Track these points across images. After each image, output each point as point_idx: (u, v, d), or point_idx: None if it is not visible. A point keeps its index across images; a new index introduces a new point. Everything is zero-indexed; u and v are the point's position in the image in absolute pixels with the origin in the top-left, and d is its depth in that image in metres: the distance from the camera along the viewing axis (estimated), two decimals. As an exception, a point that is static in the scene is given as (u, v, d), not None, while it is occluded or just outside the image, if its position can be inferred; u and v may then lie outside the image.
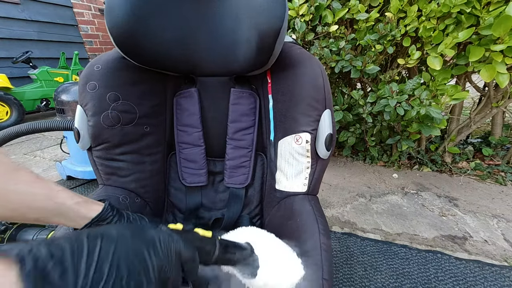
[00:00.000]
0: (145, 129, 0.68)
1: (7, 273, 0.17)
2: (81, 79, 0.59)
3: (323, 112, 0.57)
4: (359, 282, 0.96)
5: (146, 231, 0.26)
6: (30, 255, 0.19)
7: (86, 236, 0.22)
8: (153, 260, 0.24)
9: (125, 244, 0.23)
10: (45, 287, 0.18)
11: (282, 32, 0.52)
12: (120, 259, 0.22)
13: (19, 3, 3.16)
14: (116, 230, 0.23)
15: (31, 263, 0.18)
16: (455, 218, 1.29)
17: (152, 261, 0.24)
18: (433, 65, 1.24)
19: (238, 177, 0.74)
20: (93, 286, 0.19)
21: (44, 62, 3.40)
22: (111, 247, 0.22)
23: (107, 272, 0.20)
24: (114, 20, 0.51)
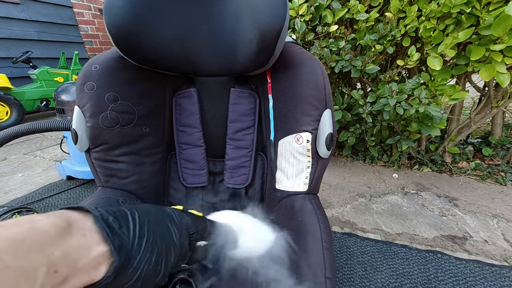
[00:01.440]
0: (144, 129, 0.68)
1: (86, 217, 0.24)
2: (79, 80, 0.59)
3: (324, 111, 0.57)
4: (359, 282, 0.96)
5: (165, 208, 0.33)
6: (95, 211, 0.25)
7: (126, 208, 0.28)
8: (174, 228, 0.31)
9: (154, 216, 0.29)
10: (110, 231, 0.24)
11: (284, 31, 0.51)
12: (154, 224, 0.28)
13: (19, 3, 3.16)
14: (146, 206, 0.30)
15: (98, 214, 0.25)
16: (455, 218, 1.29)
17: (173, 229, 0.31)
18: (433, 66, 1.24)
19: (239, 177, 0.74)
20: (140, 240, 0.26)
21: (44, 62, 3.40)
22: (145, 216, 0.28)
23: (146, 232, 0.27)
24: (113, 19, 0.50)
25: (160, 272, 0.28)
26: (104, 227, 0.24)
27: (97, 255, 0.22)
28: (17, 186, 1.70)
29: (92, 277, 0.22)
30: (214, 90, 0.70)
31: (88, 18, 3.93)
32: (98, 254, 0.22)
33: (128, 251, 0.25)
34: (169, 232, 0.30)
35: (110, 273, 0.23)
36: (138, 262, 0.25)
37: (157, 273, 0.28)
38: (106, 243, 0.23)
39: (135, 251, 0.25)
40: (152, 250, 0.27)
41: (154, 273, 0.27)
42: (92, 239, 0.23)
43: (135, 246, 0.25)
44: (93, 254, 0.22)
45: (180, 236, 0.31)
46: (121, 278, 0.24)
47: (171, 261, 0.29)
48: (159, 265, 0.28)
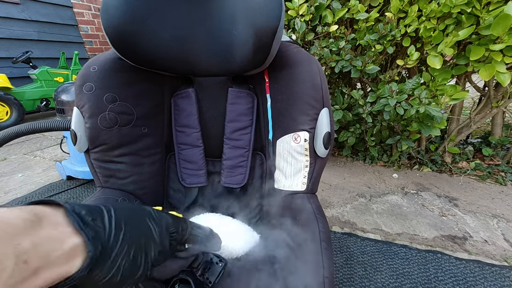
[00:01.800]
0: (143, 130, 0.68)
1: (57, 211, 0.23)
2: (78, 81, 0.59)
3: (321, 110, 0.57)
4: (359, 282, 0.96)
5: (144, 207, 0.32)
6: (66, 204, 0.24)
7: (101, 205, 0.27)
8: (153, 225, 0.30)
9: (131, 211, 0.29)
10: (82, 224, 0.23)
11: (279, 31, 0.52)
12: (132, 220, 0.28)
13: (19, 3, 3.16)
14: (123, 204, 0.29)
15: (69, 207, 0.24)
16: (455, 218, 1.29)
17: (153, 225, 0.30)
18: (433, 64, 1.24)
19: (235, 177, 0.74)
20: (116, 232, 0.25)
21: (44, 62, 3.41)
22: (123, 212, 0.27)
23: (123, 226, 0.26)
24: (110, 20, 0.50)
25: (140, 267, 0.27)
26: (77, 220, 0.23)
27: (70, 247, 0.22)
28: (17, 186, 1.70)
29: (66, 270, 0.21)
30: (212, 90, 0.70)
31: (88, 18, 3.93)
32: (71, 246, 0.22)
33: (104, 243, 0.24)
34: (148, 228, 0.30)
35: (85, 265, 0.22)
36: (115, 255, 0.25)
37: (136, 268, 0.27)
38: (79, 235, 0.23)
39: (111, 244, 0.25)
40: (130, 244, 0.26)
41: (133, 268, 0.27)
42: (63, 232, 0.22)
43: (112, 239, 0.25)
44: (65, 247, 0.21)
45: (160, 233, 0.31)
46: (98, 272, 0.23)
47: (151, 257, 0.29)
48: (138, 260, 0.27)
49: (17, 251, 0.18)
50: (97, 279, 0.24)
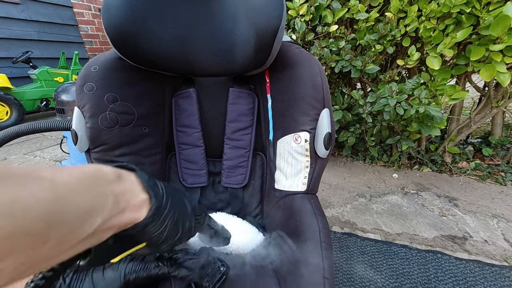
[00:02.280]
0: (143, 130, 0.68)
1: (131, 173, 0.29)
2: (78, 80, 0.59)
3: (322, 111, 0.57)
4: (359, 282, 0.96)
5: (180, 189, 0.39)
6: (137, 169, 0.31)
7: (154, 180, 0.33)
8: (187, 202, 0.36)
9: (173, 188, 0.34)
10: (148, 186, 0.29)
11: (280, 31, 0.52)
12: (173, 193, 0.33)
13: (19, 3, 3.16)
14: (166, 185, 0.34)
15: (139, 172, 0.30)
16: (455, 218, 1.29)
17: (187, 202, 0.36)
18: (432, 65, 1.24)
19: (236, 177, 0.74)
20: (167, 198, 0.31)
21: (44, 62, 3.40)
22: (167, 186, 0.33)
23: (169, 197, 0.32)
24: (111, 20, 0.50)
25: (178, 232, 0.33)
26: (145, 180, 0.30)
27: (141, 199, 0.28)
28: (17, 186, 1.70)
29: (138, 216, 0.27)
30: (213, 90, 0.70)
31: (88, 18, 3.93)
32: (141, 199, 0.28)
33: (160, 203, 0.30)
34: (184, 203, 0.36)
35: (149, 214, 0.28)
36: (165, 215, 0.30)
37: (176, 232, 0.33)
38: (146, 192, 0.29)
39: (164, 205, 0.30)
40: (174, 210, 0.32)
41: (174, 230, 0.32)
42: (137, 188, 0.29)
43: (164, 201, 0.30)
44: (138, 199, 0.28)
45: (191, 209, 0.37)
46: (154, 225, 0.29)
47: (186, 227, 0.35)
48: (178, 225, 0.33)
49: (114, 193, 0.25)
50: (151, 231, 0.29)
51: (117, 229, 0.26)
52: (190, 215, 0.36)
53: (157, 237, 0.30)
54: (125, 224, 0.26)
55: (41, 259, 0.19)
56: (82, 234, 0.21)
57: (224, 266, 0.50)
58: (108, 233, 0.25)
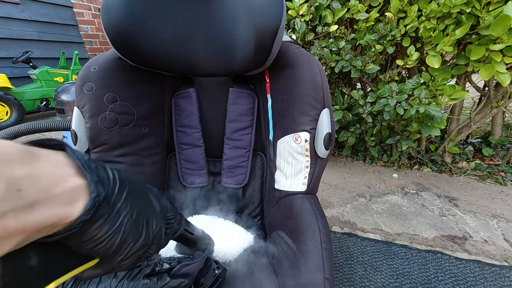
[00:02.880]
0: (143, 130, 0.68)
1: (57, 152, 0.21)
2: (78, 81, 0.59)
3: (322, 111, 0.57)
4: (359, 282, 0.96)
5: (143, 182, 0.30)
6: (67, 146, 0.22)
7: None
8: (155, 199, 0.29)
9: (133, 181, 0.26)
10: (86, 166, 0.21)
11: (280, 31, 0.51)
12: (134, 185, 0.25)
13: (19, 3, 3.15)
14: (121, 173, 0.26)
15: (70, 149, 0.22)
16: (455, 218, 1.29)
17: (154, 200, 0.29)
18: (432, 64, 1.24)
19: (236, 177, 0.74)
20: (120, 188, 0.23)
21: (44, 62, 3.40)
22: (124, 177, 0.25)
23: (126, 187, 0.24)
24: (110, 20, 0.50)
25: (141, 236, 0.25)
26: (80, 161, 0.21)
27: (72, 187, 0.19)
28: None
29: (68, 211, 0.19)
30: (213, 90, 0.70)
31: (88, 18, 3.93)
32: (73, 186, 0.20)
33: (108, 192, 0.22)
34: (149, 199, 0.28)
35: (88, 207, 0.20)
36: (118, 209, 0.22)
37: (138, 235, 0.24)
38: (82, 176, 0.20)
39: (116, 196, 0.22)
40: (133, 205, 0.24)
41: (135, 233, 0.24)
42: (65, 171, 0.20)
43: (116, 191, 0.22)
44: (67, 185, 0.19)
45: (160, 209, 0.29)
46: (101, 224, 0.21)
47: (152, 229, 0.26)
48: (140, 224, 0.25)
49: (8, 176, 0.16)
50: (96, 235, 0.21)
51: (25, 235, 0.17)
52: (158, 214, 0.28)
53: (107, 242, 0.21)
54: (43, 227, 0.18)
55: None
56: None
57: (219, 269, 0.49)
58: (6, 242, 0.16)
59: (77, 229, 0.19)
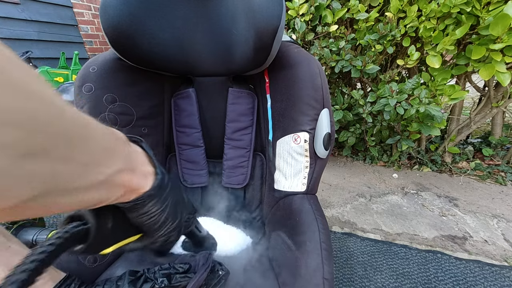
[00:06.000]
0: (143, 130, 0.68)
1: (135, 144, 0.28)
2: (77, 81, 0.59)
3: (321, 111, 0.57)
4: (359, 282, 0.96)
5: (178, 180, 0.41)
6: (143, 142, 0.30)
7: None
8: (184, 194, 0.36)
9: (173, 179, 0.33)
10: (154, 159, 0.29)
11: (280, 31, 0.51)
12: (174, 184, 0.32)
13: (19, 3, 3.15)
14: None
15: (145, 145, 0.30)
16: (455, 218, 1.29)
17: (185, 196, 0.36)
18: (432, 64, 1.24)
19: (236, 177, 0.74)
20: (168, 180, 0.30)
21: (44, 62, 3.40)
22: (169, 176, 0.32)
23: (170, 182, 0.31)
24: (109, 20, 0.50)
25: (176, 219, 0.32)
26: (150, 154, 0.29)
27: (147, 169, 0.27)
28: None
29: (144, 183, 0.26)
30: (213, 90, 0.70)
31: (88, 18, 3.93)
32: (147, 169, 0.27)
33: (163, 181, 0.29)
34: (181, 192, 0.35)
35: (154, 185, 0.27)
36: (166, 194, 0.29)
37: (176, 216, 0.32)
38: (152, 165, 0.28)
39: (166, 184, 0.29)
40: (173, 195, 0.31)
41: (175, 214, 0.31)
42: (143, 158, 0.28)
43: (166, 181, 0.30)
44: (145, 168, 0.27)
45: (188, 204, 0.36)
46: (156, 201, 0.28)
47: (183, 216, 0.34)
48: (178, 210, 0.32)
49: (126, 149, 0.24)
50: (152, 209, 0.28)
51: (124, 190, 0.24)
52: (187, 206, 0.36)
53: (157, 217, 0.28)
54: (132, 189, 0.25)
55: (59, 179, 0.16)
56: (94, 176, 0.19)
57: (223, 270, 0.50)
58: (117, 190, 0.23)
59: (144, 200, 0.26)
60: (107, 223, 0.25)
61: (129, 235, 0.29)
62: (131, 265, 0.59)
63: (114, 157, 0.21)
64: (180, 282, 0.45)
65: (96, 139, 0.19)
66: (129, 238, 0.29)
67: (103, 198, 0.22)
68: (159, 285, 0.43)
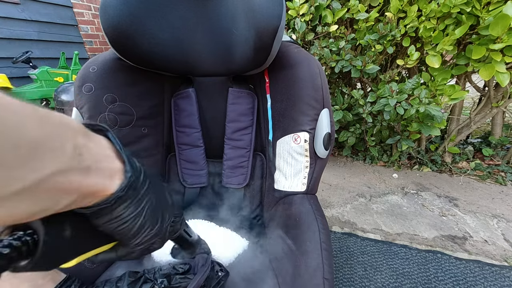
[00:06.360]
0: (143, 130, 0.68)
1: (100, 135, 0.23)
2: (77, 81, 0.59)
3: (321, 111, 0.57)
4: (359, 282, 0.96)
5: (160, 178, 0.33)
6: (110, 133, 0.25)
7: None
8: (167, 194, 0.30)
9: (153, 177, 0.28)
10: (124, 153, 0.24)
11: (280, 31, 0.51)
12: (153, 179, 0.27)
13: (19, 3, 3.15)
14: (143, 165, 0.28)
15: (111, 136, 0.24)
16: (455, 218, 1.29)
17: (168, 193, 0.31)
18: (432, 64, 1.24)
19: (236, 177, 0.74)
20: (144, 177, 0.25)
21: (44, 62, 3.40)
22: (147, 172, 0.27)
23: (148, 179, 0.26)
24: (109, 20, 0.50)
25: (156, 223, 0.27)
26: (119, 146, 0.24)
27: (113, 166, 0.22)
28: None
29: (108, 184, 0.21)
30: (213, 90, 0.70)
31: (88, 18, 3.93)
32: (113, 166, 0.23)
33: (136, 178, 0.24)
34: (165, 194, 0.30)
35: (123, 185, 0.22)
36: (143, 194, 0.25)
37: (155, 221, 0.27)
38: (120, 160, 0.24)
39: (141, 182, 0.25)
40: (153, 194, 0.26)
41: (153, 218, 0.27)
42: (108, 152, 0.23)
43: (141, 178, 0.25)
44: (109, 164, 0.22)
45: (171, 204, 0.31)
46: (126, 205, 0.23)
47: (165, 220, 0.29)
48: (158, 213, 0.27)
49: (75, 141, 0.18)
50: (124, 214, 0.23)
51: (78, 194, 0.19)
52: (171, 208, 0.30)
53: (129, 223, 0.24)
54: (89, 192, 0.20)
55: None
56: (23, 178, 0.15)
57: (223, 271, 0.50)
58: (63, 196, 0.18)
59: (111, 204, 0.22)
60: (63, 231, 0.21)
61: (98, 245, 0.25)
62: (131, 266, 0.59)
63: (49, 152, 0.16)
64: (179, 283, 0.45)
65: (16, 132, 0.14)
66: (99, 248, 0.25)
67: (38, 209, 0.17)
68: (158, 286, 0.43)
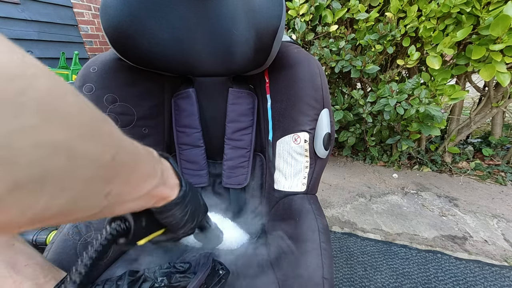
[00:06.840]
0: (143, 131, 0.68)
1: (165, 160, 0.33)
2: (77, 81, 0.59)
3: (321, 111, 0.57)
4: (359, 282, 0.96)
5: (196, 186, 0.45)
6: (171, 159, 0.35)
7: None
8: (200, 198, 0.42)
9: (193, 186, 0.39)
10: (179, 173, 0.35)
11: (280, 31, 0.51)
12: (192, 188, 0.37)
13: (19, 3, 3.15)
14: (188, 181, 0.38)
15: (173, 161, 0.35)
16: (455, 218, 1.29)
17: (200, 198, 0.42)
18: (432, 65, 1.24)
19: (237, 177, 0.74)
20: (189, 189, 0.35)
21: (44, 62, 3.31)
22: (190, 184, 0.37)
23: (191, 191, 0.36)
24: (109, 20, 0.50)
25: (195, 220, 0.38)
26: (176, 168, 0.35)
27: (174, 182, 0.33)
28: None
29: (171, 193, 0.32)
30: (213, 90, 0.70)
31: (88, 18, 3.93)
32: (174, 181, 0.33)
33: (186, 190, 0.34)
34: (198, 197, 0.41)
35: (180, 195, 0.33)
36: (187, 202, 0.35)
37: (194, 218, 0.38)
38: (177, 178, 0.34)
39: (187, 193, 0.35)
40: (193, 201, 0.37)
41: (193, 217, 0.37)
42: (171, 172, 0.33)
43: (188, 191, 0.35)
44: (172, 180, 0.32)
45: (203, 204, 0.42)
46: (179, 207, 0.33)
47: (199, 218, 0.40)
48: (195, 213, 0.38)
49: (160, 166, 0.29)
50: (176, 213, 0.33)
51: (157, 199, 0.30)
52: (202, 208, 0.42)
53: (179, 219, 0.35)
54: (162, 198, 0.30)
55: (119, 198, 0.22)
56: (140, 192, 0.25)
57: (223, 270, 0.50)
58: (152, 200, 0.29)
59: (172, 205, 0.32)
60: (142, 222, 0.31)
61: (156, 230, 0.36)
62: (131, 265, 0.59)
63: (152, 175, 0.27)
64: (179, 282, 0.45)
65: (143, 164, 0.25)
66: (157, 232, 0.36)
67: (143, 205, 0.28)
68: (158, 284, 0.44)
